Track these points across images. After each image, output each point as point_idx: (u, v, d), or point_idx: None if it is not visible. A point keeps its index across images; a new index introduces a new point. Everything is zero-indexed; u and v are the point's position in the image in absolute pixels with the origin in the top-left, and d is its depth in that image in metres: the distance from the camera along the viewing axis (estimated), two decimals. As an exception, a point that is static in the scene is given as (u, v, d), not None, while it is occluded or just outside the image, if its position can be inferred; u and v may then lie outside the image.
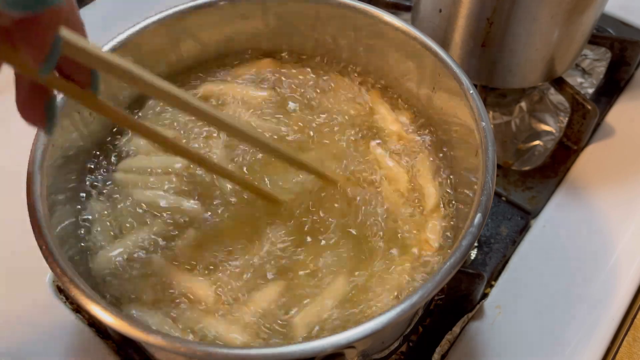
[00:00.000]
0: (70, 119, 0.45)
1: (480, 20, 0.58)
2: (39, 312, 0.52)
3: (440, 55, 0.48)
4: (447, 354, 0.50)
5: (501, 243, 0.58)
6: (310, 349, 0.33)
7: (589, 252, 0.57)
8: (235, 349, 0.34)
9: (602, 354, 0.51)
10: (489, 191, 0.39)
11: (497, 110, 0.72)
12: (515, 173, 0.64)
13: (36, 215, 0.38)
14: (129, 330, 0.33)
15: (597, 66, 0.76)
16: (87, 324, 0.51)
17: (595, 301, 0.53)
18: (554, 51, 0.61)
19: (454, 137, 0.49)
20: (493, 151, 0.42)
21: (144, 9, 0.75)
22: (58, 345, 0.50)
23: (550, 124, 0.71)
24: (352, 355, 0.36)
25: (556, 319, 0.52)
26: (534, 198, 0.61)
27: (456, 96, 0.46)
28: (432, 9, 0.62)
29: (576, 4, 0.56)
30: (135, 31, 0.49)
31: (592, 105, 0.63)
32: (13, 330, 0.51)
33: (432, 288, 0.35)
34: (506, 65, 0.62)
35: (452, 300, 0.53)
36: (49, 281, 0.53)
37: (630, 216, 0.59)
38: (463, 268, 0.51)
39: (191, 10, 0.51)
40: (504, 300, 0.53)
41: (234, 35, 0.55)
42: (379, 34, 0.52)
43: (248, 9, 0.53)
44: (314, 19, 0.54)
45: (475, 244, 0.50)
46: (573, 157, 0.64)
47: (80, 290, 0.35)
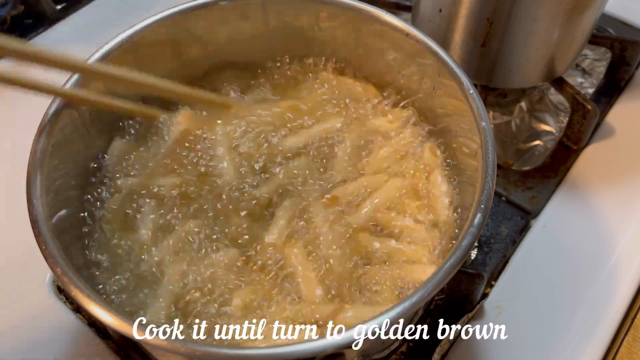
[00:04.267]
0: (71, 119, 0.45)
1: (480, 20, 0.58)
2: (39, 312, 0.52)
3: (440, 55, 0.48)
4: (447, 354, 0.50)
5: (501, 243, 0.58)
6: (310, 349, 0.33)
7: (589, 252, 0.57)
8: (236, 349, 0.34)
9: (602, 354, 0.51)
10: (489, 191, 0.39)
11: (497, 110, 0.72)
12: (515, 173, 0.64)
13: (36, 216, 0.38)
14: (129, 330, 0.33)
15: (597, 66, 0.76)
16: (87, 324, 0.51)
17: (595, 301, 0.53)
18: (554, 51, 0.61)
19: (454, 137, 0.49)
20: (493, 151, 0.42)
21: (144, 9, 0.76)
22: (58, 345, 0.50)
23: (550, 124, 0.71)
24: (352, 355, 0.36)
25: (556, 319, 0.52)
26: (534, 198, 0.61)
27: (456, 96, 0.46)
28: (432, 9, 0.62)
29: (576, 4, 0.56)
30: (135, 31, 0.49)
31: (592, 105, 0.63)
32: (13, 330, 0.51)
33: (432, 288, 0.35)
34: (506, 65, 0.62)
35: (452, 300, 0.53)
36: (49, 281, 0.53)
37: (630, 216, 0.59)
38: (463, 268, 0.51)
39: (191, 10, 0.51)
40: (504, 300, 0.53)
41: (234, 36, 0.55)
42: (379, 34, 0.52)
43: (248, 9, 0.53)
44: (314, 19, 0.54)
45: (475, 244, 0.50)
46: (573, 157, 0.64)
47: (80, 290, 0.35)
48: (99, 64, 0.47)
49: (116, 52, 0.48)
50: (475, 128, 0.44)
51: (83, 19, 0.78)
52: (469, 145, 0.46)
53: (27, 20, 0.77)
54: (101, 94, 0.47)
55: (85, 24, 0.77)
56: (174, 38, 0.52)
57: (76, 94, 0.44)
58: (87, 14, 0.78)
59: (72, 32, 0.76)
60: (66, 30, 0.76)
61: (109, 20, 0.77)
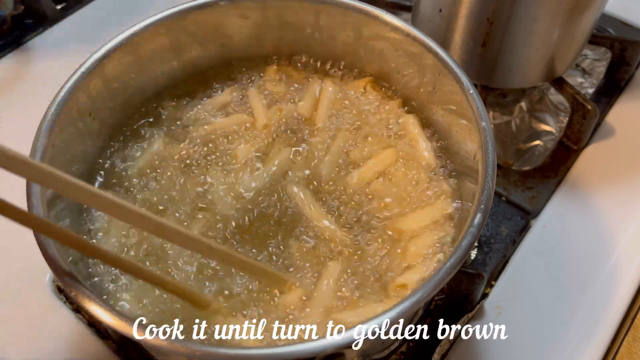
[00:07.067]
0: (71, 120, 0.45)
1: (480, 20, 0.58)
2: (39, 312, 0.52)
3: (440, 55, 0.48)
4: (447, 354, 0.50)
5: (501, 243, 0.58)
6: (310, 349, 0.33)
7: (589, 252, 0.57)
8: (236, 349, 0.34)
9: (602, 354, 0.51)
10: (489, 191, 0.39)
11: (497, 110, 0.72)
12: (515, 173, 0.64)
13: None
14: (129, 330, 0.33)
15: (597, 66, 0.76)
16: (87, 324, 0.51)
17: (595, 301, 0.53)
18: (554, 51, 0.61)
19: (454, 137, 0.49)
20: (493, 151, 0.42)
21: (144, 9, 0.76)
22: (58, 345, 0.50)
23: (550, 124, 0.71)
24: (352, 355, 0.36)
25: (556, 319, 0.52)
26: (534, 198, 0.61)
27: (456, 96, 0.46)
28: (432, 9, 0.62)
29: (576, 4, 0.56)
30: (135, 31, 0.49)
31: (592, 105, 0.63)
32: (13, 330, 0.51)
33: (432, 288, 0.35)
34: (506, 65, 0.62)
35: (452, 300, 0.53)
36: (49, 281, 0.53)
37: (630, 216, 0.59)
38: (463, 268, 0.51)
39: (191, 10, 0.51)
40: (504, 300, 0.53)
41: (235, 36, 0.55)
42: (379, 34, 0.52)
43: (248, 9, 0.53)
44: (314, 19, 0.54)
45: (475, 244, 0.50)
46: (573, 157, 0.64)
47: (80, 290, 0.35)
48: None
49: (116, 52, 0.48)
50: (475, 128, 0.44)
51: (83, 19, 0.78)
52: (469, 145, 0.46)
53: (27, 20, 0.77)
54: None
55: (85, 24, 0.77)
56: (174, 38, 0.52)
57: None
58: (87, 14, 0.78)
59: (72, 32, 0.76)
60: (66, 30, 0.76)
61: (109, 20, 0.77)
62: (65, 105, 0.44)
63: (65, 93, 0.44)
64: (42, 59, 0.73)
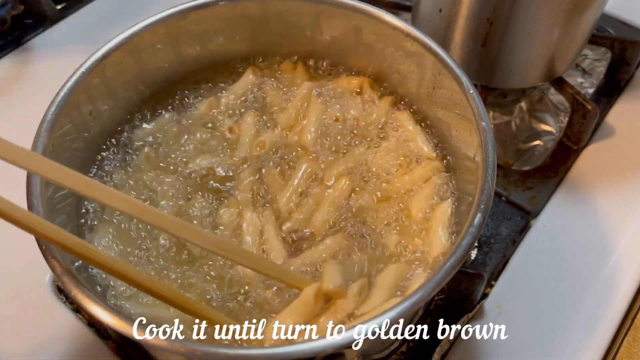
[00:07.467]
0: (71, 119, 0.45)
1: (480, 20, 0.58)
2: (39, 312, 0.52)
3: (440, 55, 0.48)
4: (447, 354, 0.50)
5: (501, 243, 0.58)
6: (310, 349, 0.33)
7: (589, 252, 0.57)
8: (236, 349, 0.34)
9: (602, 354, 0.51)
10: (489, 191, 0.39)
11: (497, 110, 0.72)
12: (515, 173, 0.64)
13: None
14: (129, 330, 0.33)
15: (597, 66, 0.76)
16: (87, 324, 0.51)
17: (595, 301, 0.53)
18: (554, 51, 0.61)
19: (454, 137, 0.49)
20: (493, 151, 0.42)
21: (144, 9, 0.76)
22: (58, 345, 0.50)
23: (550, 124, 0.71)
24: (352, 355, 0.36)
25: (556, 319, 0.52)
26: (534, 198, 0.61)
27: (456, 96, 0.46)
28: (432, 9, 0.62)
29: (576, 4, 0.56)
30: (135, 31, 0.49)
31: (592, 105, 0.63)
32: (13, 330, 0.51)
33: (432, 288, 0.35)
34: (506, 65, 0.62)
35: (452, 300, 0.53)
36: (49, 281, 0.53)
37: (630, 216, 0.59)
38: (463, 268, 0.51)
39: (191, 10, 0.51)
40: (504, 300, 0.53)
41: (235, 36, 0.55)
42: (379, 34, 0.52)
43: (248, 9, 0.53)
44: (314, 19, 0.54)
45: (475, 244, 0.50)
46: (573, 157, 0.64)
47: (80, 290, 0.35)
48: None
49: (116, 52, 0.48)
50: (475, 128, 0.44)
51: (83, 19, 0.78)
52: (469, 145, 0.46)
53: (27, 20, 0.77)
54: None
55: (85, 24, 0.77)
56: (174, 38, 0.52)
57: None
58: (87, 14, 0.78)
59: (72, 32, 0.76)
60: (66, 30, 0.76)
61: (109, 20, 0.77)
62: (65, 105, 0.44)
63: (65, 93, 0.44)
64: (42, 59, 0.73)
